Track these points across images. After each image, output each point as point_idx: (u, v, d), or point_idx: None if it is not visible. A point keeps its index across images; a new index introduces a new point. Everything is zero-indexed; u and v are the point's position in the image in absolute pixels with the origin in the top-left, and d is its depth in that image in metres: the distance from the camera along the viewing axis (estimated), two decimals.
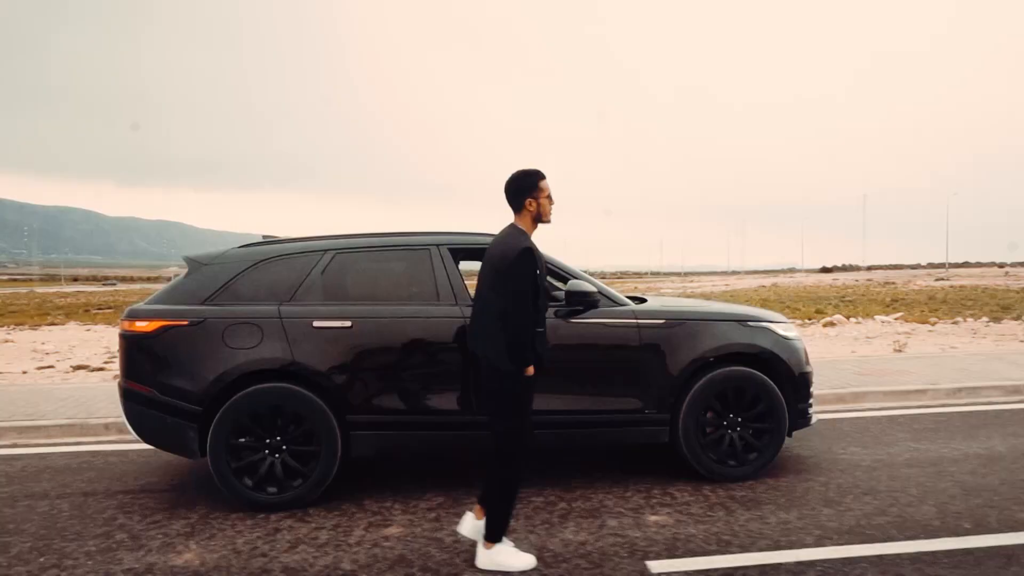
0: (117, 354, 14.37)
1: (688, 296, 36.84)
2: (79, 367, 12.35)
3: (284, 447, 4.52)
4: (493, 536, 3.59)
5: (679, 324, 4.94)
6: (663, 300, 5.54)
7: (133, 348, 4.63)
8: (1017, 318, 19.75)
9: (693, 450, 4.86)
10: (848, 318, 20.69)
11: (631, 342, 4.83)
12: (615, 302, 4.93)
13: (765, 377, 4.94)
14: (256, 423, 4.49)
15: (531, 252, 3.48)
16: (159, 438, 4.66)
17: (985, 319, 19.94)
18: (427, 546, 3.90)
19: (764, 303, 30.92)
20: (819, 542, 3.84)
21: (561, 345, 4.66)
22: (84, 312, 30.66)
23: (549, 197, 3.68)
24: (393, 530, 4.14)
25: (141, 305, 4.75)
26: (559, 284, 5.29)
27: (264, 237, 5.15)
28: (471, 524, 3.68)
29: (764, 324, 5.14)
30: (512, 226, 3.69)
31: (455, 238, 4.93)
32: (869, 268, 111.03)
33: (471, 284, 4.31)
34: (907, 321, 20.07)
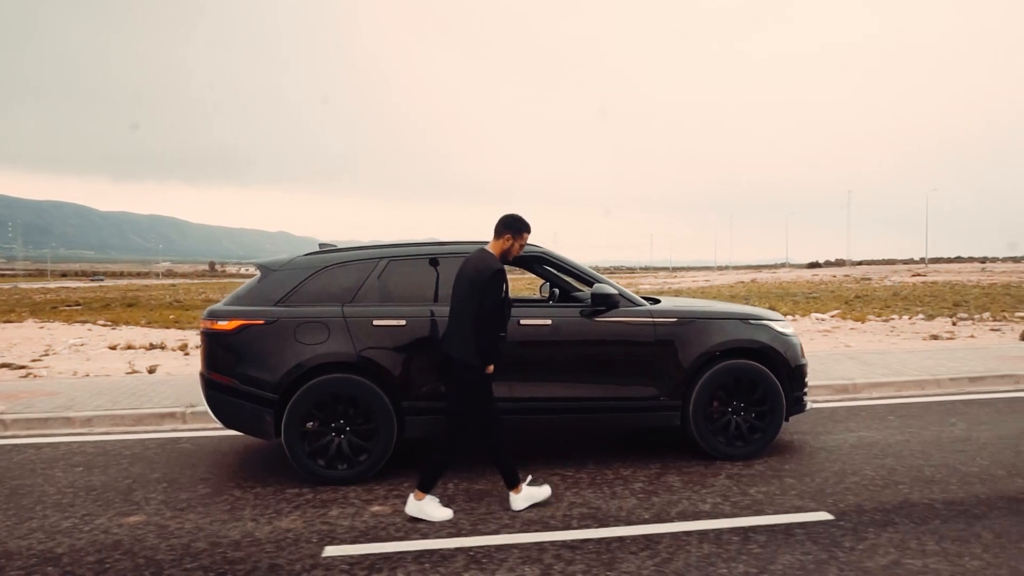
0: (49, 353, 14.84)
1: (663, 293, 37.22)
2: (3, 365, 12.75)
3: (348, 429, 5.19)
4: (425, 488, 4.43)
5: (690, 322, 5.62)
6: (675, 301, 6.18)
7: (215, 344, 5.32)
8: (952, 315, 20.11)
9: (701, 432, 5.54)
10: (785, 316, 21.08)
11: (647, 338, 5.52)
12: (633, 303, 5.60)
13: (765, 369, 5.61)
14: (325, 408, 5.15)
15: (502, 272, 4.35)
16: (238, 422, 5.35)
17: (921, 316, 20.33)
18: (149, 533, 4.29)
19: (731, 299, 31.31)
20: (497, 531, 4.22)
21: (586, 340, 5.47)
22: (52, 310, 31.09)
23: (522, 246, 4.63)
24: (134, 519, 4.54)
25: (220, 306, 5.42)
26: (584, 287, 6.06)
27: (321, 246, 5.79)
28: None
29: (764, 322, 5.81)
30: (483, 249, 4.55)
31: None
32: (859, 263, 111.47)
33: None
34: (842, 318, 20.46)
